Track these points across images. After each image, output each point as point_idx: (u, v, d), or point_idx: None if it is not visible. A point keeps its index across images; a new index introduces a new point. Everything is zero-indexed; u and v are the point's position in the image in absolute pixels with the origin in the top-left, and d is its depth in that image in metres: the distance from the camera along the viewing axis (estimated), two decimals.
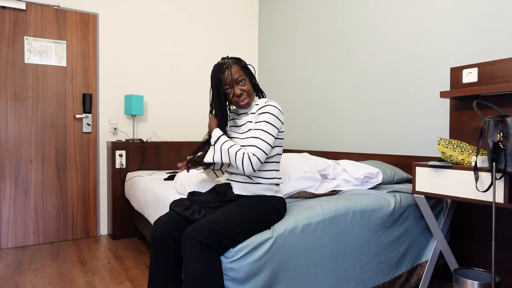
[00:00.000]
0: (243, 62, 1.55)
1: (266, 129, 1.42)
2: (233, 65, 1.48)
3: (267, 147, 1.41)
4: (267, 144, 1.41)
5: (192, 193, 1.56)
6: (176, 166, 3.40)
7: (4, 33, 2.84)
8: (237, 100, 1.50)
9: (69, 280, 2.22)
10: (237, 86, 1.48)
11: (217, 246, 1.24)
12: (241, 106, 1.52)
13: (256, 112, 1.50)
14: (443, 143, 1.66)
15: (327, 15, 3.09)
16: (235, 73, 1.47)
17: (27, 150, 2.94)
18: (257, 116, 1.47)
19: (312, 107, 3.28)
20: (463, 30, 2.09)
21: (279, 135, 1.51)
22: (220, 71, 1.47)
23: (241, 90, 1.48)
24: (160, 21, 3.51)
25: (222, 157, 1.43)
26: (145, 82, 3.45)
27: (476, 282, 1.59)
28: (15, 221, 2.90)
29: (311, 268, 1.49)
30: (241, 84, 1.49)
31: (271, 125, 1.43)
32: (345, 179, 2.10)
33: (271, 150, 1.48)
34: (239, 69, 1.49)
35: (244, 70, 1.52)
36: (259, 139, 1.41)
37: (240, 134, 1.55)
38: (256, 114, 1.48)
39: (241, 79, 1.48)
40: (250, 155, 1.38)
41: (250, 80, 1.55)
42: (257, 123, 1.44)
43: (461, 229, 2.05)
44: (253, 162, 1.38)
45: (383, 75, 2.59)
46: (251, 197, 1.49)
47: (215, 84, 1.49)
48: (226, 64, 1.48)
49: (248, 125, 1.53)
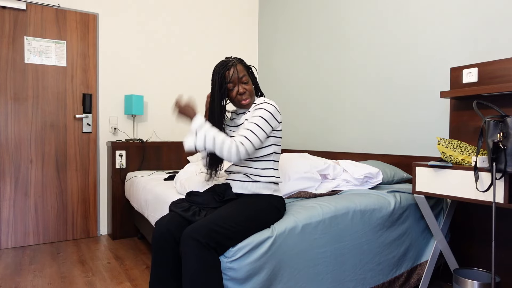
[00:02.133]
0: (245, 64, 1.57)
1: (259, 123, 1.42)
2: (238, 64, 1.51)
3: (256, 140, 1.40)
4: (257, 137, 1.41)
5: (190, 193, 1.56)
6: (176, 166, 3.40)
7: (4, 33, 2.85)
8: (239, 98, 1.51)
9: (69, 280, 2.22)
10: (241, 84, 1.51)
11: (216, 245, 1.24)
12: (242, 105, 1.53)
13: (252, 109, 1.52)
14: (443, 143, 1.66)
15: (327, 16, 3.09)
16: (240, 71, 1.50)
17: (27, 150, 2.94)
18: (253, 111, 1.49)
19: (312, 107, 3.28)
20: (463, 30, 2.09)
21: (276, 134, 1.52)
22: (226, 68, 1.49)
23: (244, 89, 1.51)
24: (160, 21, 3.51)
25: (206, 144, 1.38)
26: (145, 82, 3.45)
27: (476, 282, 1.59)
28: (15, 221, 2.90)
29: (311, 268, 1.49)
30: (245, 83, 1.51)
31: (265, 120, 1.43)
32: (345, 179, 2.10)
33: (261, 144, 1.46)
34: (243, 68, 1.53)
35: (247, 70, 1.56)
36: (250, 131, 1.41)
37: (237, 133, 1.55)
38: (253, 110, 1.50)
39: (245, 79, 1.51)
40: (237, 143, 1.37)
41: (252, 80, 1.58)
42: (252, 117, 1.46)
43: (461, 229, 2.05)
44: (241, 151, 1.37)
45: (383, 75, 2.59)
46: (249, 196, 1.49)
47: (218, 80, 1.49)
48: (232, 62, 1.50)
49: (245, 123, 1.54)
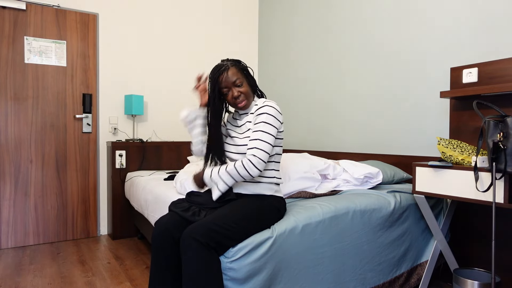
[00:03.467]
0: (242, 64, 1.56)
1: (265, 129, 1.43)
2: (231, 67, 1.50)
3: (268, 147, 1.42)
4: (267, 144, 1.42)
5: (190, 193, 1.56)
6: (176, 166, 3.41)
7: (4, 33, 2.84)
8: (234, 101, 1.52)
9: (69, 280, 2.22)
10: (235, 88, 1.50)
11: (216, 245, 1.24)
12: (239, 108, 1.54)
13: (254, 113, 1.51)
14: (443, 143, 1.66)
15: (327, 16, 3.09)
16: (233, 75, 1.49)
17: (27, 150, 2.94)
18: (255, 117, 1.48)
19: (312, 107, 3.28)
20: (463, 30, 2.09)
21: (278, 135, 1.52)
22: (218, 73, 1.50)
23: (238, 92, 1.50)
24: (160, 21, 3.51)
25: (227, 182, 1.42)
26: (145, 82, 3.45)
27: (476, 282, 1.59)
28: (15, 221, 2.90)
29: (311, 268, 1.49)
30: (239, 86, 1.51)
31: (270, 125, 1.44)
32: (345, 179, 2.10)
33: (272, 148, 1.49)
34: (237, 71, 1.51)
35: (242, 72, 1.54)
36: (258, 140, 1.42)
37: (240, 134, 1.56)
38: (254, 115, 1.50)
39: (238, 82, 1.50)
40: (249, 158, 1.39)
41: (249, 81, 1.56)
42: (256, 125, 1.45)
43: (461, 229, 2.05)
44: (254, 163, 1.39)
45: (383, 74, 2.59)
46: (250, 196, 1.49)
47: (211, 84, 1.52)
48: (224, 66, 1.50)
49: (248, 125, 1.55)
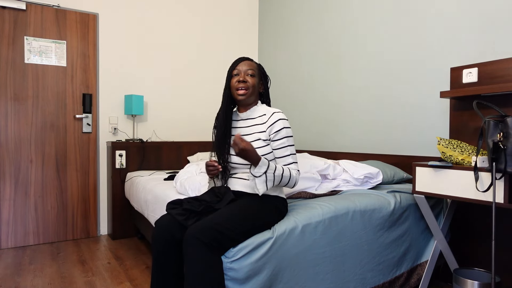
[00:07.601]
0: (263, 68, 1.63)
1: (289, 143, 1.52)
2: (251, 62, 1.58)
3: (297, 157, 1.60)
4: (295, 155, 1.55)
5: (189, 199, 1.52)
6: (176, 166, 3.40)
7: (4, 33, 2.84)
8: (237, 86, 1.53)
9: (69, 280, 2.22)
10: (244, 75, 1.54)
11: (219, 246, 1.25)
12: (237, 97, 1.54)
13: (266, 123, 1.51)
14: (443, 143, 1.66)
15: (327, 16, 3.09)
16: (249, 65, 1.56)
17: (27, 150, 2.94)
18: (274, 134, 1.50)
19: (312, 107, 3.28)
20: (463, 30, 2.09)
21: None
22: (238, 61, 1.57)
23: (245, 79, 1.52)
24: (160, 21, 3.51)
25: (274, 183, 1.43)
26: (145, 82, 3.44)
27: (476, 282, 1.59)
28: (15, 221, 2.90)
29: (311, 268, 1.49)
30: (249, 75, 1.54)
31: (291, 137, 1.54)
32: (345, 179, 2.10)
33: None
34: (255, 66, 1.58)
35: (259, 71, 1.60)
36: (291, 155, 1.52)
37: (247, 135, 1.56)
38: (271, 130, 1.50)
39: (251, 72, 1.55)
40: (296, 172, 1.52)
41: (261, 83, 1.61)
42: (280, 141, 1.50)
43: (461, 229, 2.05)
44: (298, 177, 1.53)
45: (383, 74, 2.59)
46: (253, 196, 1.49)
47: (229, 71, 1.57)
48: (246, 58, 1.58)
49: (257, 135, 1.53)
